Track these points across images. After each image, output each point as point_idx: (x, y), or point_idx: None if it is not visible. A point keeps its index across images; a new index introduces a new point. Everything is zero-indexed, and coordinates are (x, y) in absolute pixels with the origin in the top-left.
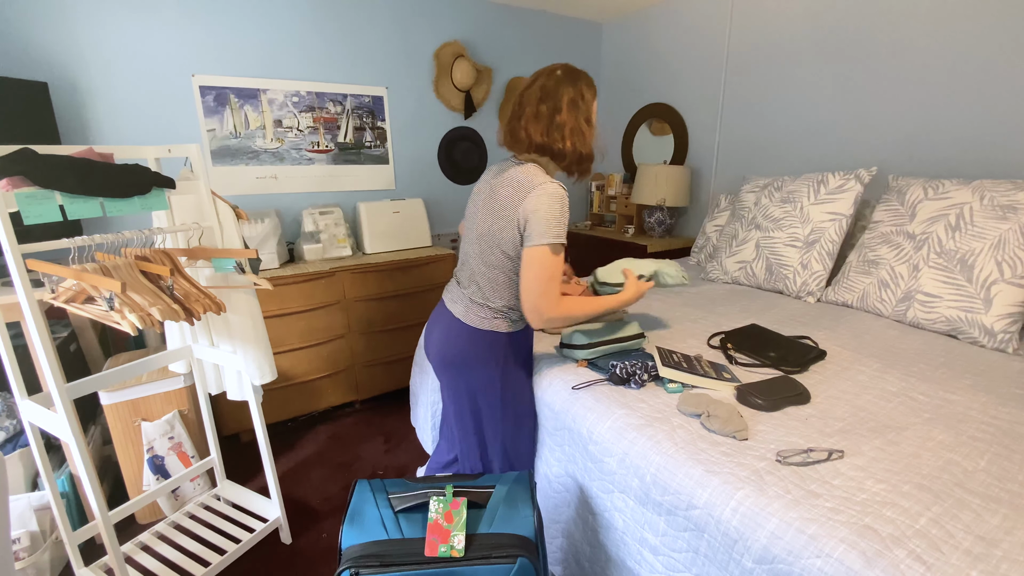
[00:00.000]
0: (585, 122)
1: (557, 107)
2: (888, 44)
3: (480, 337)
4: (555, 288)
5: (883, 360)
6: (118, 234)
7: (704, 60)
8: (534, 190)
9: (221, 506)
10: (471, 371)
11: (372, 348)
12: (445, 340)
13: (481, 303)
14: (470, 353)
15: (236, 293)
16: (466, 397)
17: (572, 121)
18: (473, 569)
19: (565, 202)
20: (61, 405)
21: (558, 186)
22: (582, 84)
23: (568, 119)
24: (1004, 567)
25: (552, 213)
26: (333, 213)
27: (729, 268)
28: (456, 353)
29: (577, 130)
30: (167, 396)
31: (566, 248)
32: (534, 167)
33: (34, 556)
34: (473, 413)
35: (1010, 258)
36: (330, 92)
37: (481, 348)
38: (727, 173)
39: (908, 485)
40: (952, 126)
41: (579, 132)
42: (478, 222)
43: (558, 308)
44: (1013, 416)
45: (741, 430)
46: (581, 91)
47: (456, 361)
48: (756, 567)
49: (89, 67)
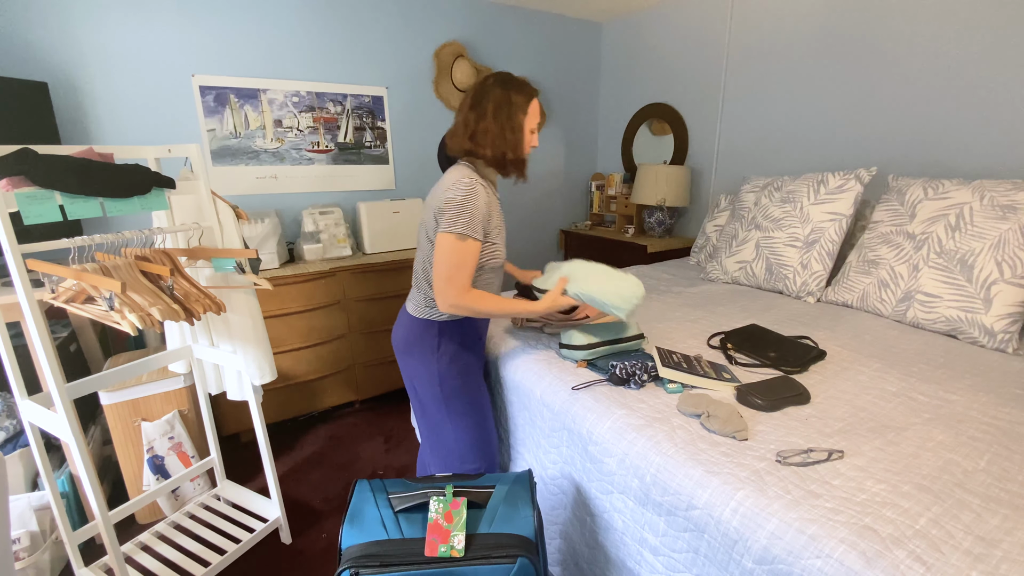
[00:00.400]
0: (510, 128)
1: (482, 114)
2: (888, 44)
3: (417, 325)
4: (462, 276)
5: (883, 360)
6: (118, 234)
7: (704, 60)
8: (450, 185)
9: (221, 506)
10: (411, 357)
11: (372, 348)
12: (397, 329)
13: (420, 292)
14: (410, 340)
15: (236, 293)
16: (414, 385)
17: (495, 128)
18: (473, 569)
19: (473, 198)
20: (61, 405)
21: (471, 183)
22: (511, 90)
23: (491, 126)
24: (1004, 567)
25: (458, 205)
26: (333, 213)
27: (729, 268)
28: (400, 340)
29: (500, 136)
30: (167, 396)
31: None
32: (463, 167)
33: (34, 556)
34: (421, 402)
35: (1010, 258)
36: (330, 92)
37: (417, 335)
38: (727, 173)
39: (908, 485)
40: (952, 126)
41: (502, 138)
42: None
43: (463, 297)
44: (1013, 416)
45: (741, 430)
46: (509, 97)
47: (401, 348)
48: (756, 567)
49: (89, 67)
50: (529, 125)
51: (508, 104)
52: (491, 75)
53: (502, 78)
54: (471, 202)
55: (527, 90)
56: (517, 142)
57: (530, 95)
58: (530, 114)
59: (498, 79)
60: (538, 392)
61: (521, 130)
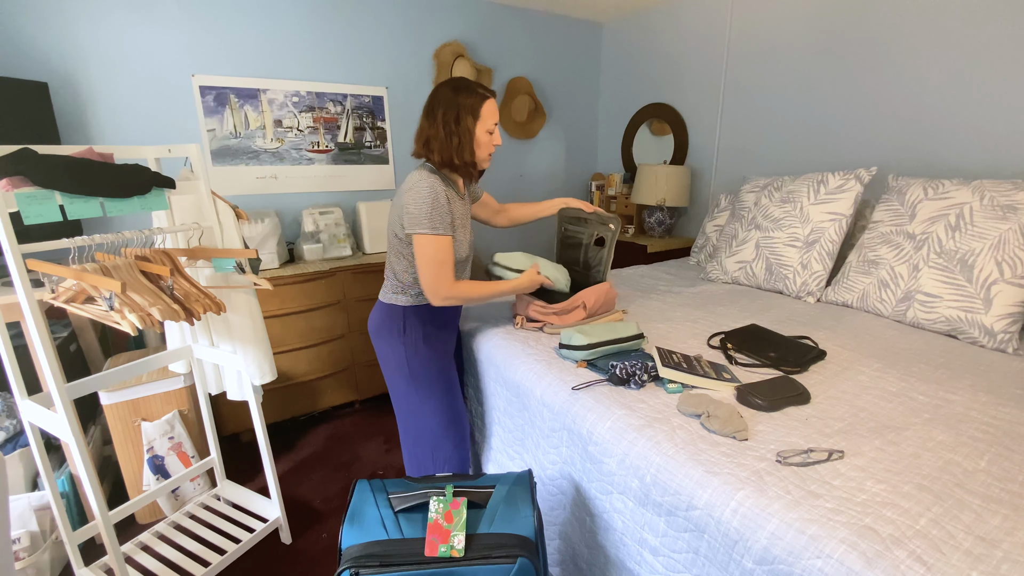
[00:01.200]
0: (456, 133)
1: (432, 121)
2: (888, 44)
3: (384, 310)
4: (446, 271)
5: (883, 360)
6: (118, 234)
7: (704, 60)
8: (409, 187)
9: (221, 506)
10: (380, 340)
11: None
12: (371, 316)
13: (388, 280)
14: (380, 324)
15: (236, 293)
16: (383, 367)
17: (443, 133)
18: (473, 569)
19: (434, 196)
20: (61, 405)
21: (430, 183)
22: (461, 95)
23: (440, 132)
24: (1004, 568)
25: (421, 207)
26: (333, 213)
27: (729, 268)
28: (373, 325)
29: (447, 141)
30: (167, 396)
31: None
32: (422, 170)
33: (34, 556)
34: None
35: (1010, 258)
36: (330, 92)
37: (384, 319)
38: (727, 173)
39: (908, 485)
40: (952, 126)
41: (448, 143)
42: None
43: (452, 288)
44: (1013, 416)
45: (741, 430)
46: (457, 102)
47: (372, 331)
48: (756, 568)
49: (89, 67)
50: (484, 127)
51: (456, 108)
52: (445, 81)
53: (454, 83)
54: (434, 201)
55: (478, 93)
56: (464, 146)
57: (482, 97)
58: (483, 117)
59: (450, 84)
60: (538, 392)
61: (469, 134)
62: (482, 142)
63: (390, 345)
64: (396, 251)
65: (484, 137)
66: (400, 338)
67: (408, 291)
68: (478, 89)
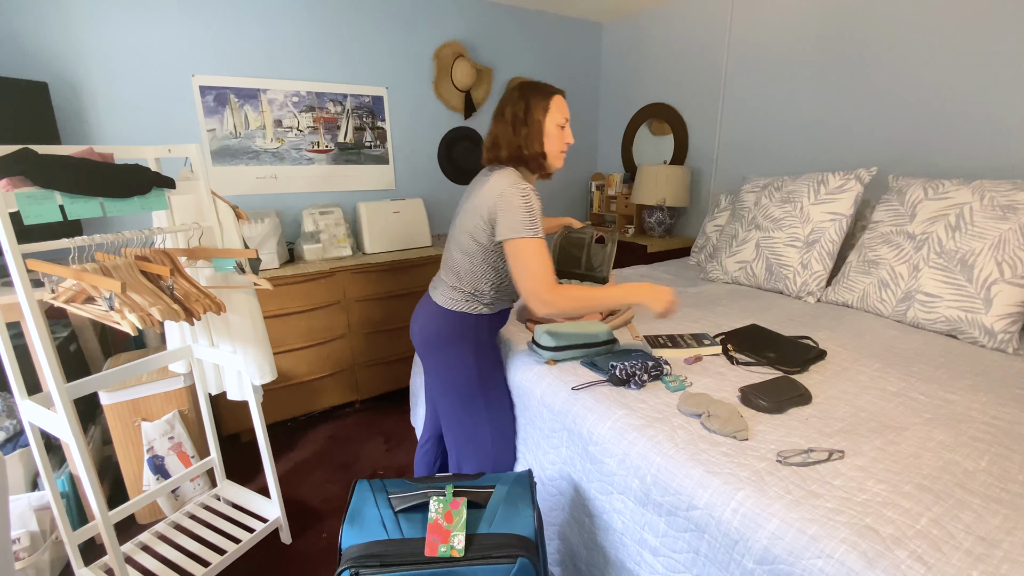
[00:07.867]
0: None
1: (501, 119)
2: (888, 44)
3: (453, 317)
4: (545, 274)
5: (883, 360)
6: (118, 234)
7: (704, 60)
8: (499, 192)
9: (221, 506)
10: (446, 349)
11: (372, 348)
12: (424, 322)
13: (455, 287)
14: (444, 332)
15: (236, 293)
16: (444, 376)
17: (510, 129)
18: (473, 569)
19: (529, 199)
20: (61, 405)
21: (523, 188)
22: (529, 91)
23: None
24: (1005, 567)
25: (516, 209)
26: (333, 213)
27: (729, 268)
28: (433, 333)
29: (513, 136)
30: (167, 396)
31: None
32: (505, 171)
33: (34, 556)
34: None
35: (1010, 258)
36: (330, 92)
37: (454, 327)
38: (727, 173)
39: (909, 485)
40: (952, 126)
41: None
42: (459, 218)
43: (555, 291)
44: (1013, 416)
45: (741, 430)
46: (527, 97)
47: (432, 340)
48: (757, 568)
49: (89, 67)
50: (553, 121)
51: (524, 102)
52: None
53: (521, 84)
54: (530, 202)
55: (546, 90)
56: (532, 137)
57: (549, 94)
58: (552, 111)
59: (518, 86)
60: (538, 392)
61: (538, 125)
62: (552, 135)
63: (459, 354)
64: (474, 257)
65: (554, 131)
66: (470, 348)
67: (479, 299)
68: (545, 87)
